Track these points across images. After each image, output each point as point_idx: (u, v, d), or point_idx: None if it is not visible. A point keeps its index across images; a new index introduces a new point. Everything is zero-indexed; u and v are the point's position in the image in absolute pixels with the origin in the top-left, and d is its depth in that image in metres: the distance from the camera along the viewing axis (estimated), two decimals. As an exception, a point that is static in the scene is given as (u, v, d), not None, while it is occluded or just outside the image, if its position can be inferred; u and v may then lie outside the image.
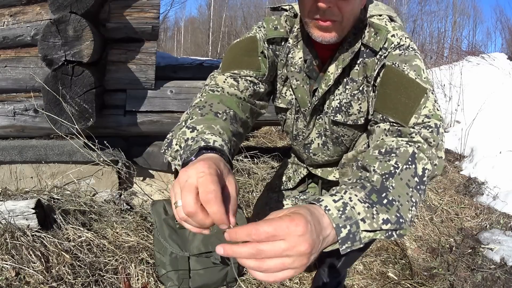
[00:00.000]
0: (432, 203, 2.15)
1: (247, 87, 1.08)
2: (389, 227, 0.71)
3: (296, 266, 0.58)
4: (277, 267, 0.57)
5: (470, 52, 6.10)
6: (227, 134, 0.85)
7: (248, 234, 0.56)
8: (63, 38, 1.64)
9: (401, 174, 0.78)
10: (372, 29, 1.03)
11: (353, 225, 0.68)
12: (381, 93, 0.95)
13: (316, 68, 1.16)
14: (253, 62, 1.11)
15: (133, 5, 1.83)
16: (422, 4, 14.50)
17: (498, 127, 3.07)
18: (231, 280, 1.40)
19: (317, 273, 1.39)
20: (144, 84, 1.92)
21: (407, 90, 0.90)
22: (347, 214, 0.68)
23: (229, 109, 0.97)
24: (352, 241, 0.68)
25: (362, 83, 1.09)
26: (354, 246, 0.69)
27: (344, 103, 1.14)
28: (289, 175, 1.69)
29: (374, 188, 0.74)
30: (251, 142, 3.15)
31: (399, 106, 0.90)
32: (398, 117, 0.90)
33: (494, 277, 1.60)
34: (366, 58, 1.06)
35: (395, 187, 0.76)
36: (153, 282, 1.37)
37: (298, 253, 0.58)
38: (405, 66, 0.93)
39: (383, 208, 0.72)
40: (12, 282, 1.29)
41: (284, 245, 0.57)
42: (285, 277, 0.58)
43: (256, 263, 0.57)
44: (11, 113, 1.94)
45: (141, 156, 1.98)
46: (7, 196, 1.85)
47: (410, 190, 0.77)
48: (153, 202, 1.46)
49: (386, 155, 0.82)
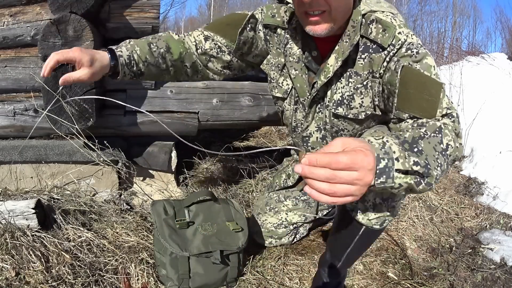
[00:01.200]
0: (432, 203, 2.15)
1: (211, 48, 1.27)
2: (418, 169, 0.78)
3: (357, 194, 0.68)
4: (344, 192, 0.66)
5: (470, 52, 6.10)
6: (138, 55, 1.15)
7: (328, 163, 0.64)
8: (63, 38, 1.64)
9: (429, 139, 0.85)
10: (380, 25, 1.05)
11: (390, 160, 0.75)
12: (403, 93, 0.99)
13: (314, 60, 1.19)
14: (231, 34, 1.25)
15: (133, 5, 1.83)
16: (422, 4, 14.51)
17: (498, 127, 3.07)
18: (231, 280, 1.40)
19: (317, 273, 1.39)
20: (144, 84, 1.92)
21: (428, 88, 0.96)
22: (386, 149, 0.76)
23: (165, 48, 1.21)
24: (387, 176, 0.75)
25: (367, 78, 1.11)
26: (387, 183, 0.75)
27: (346, 96, 1.15)
28: (288, 172, 1.70)
29: (406, 140, 0.83)
30: (251, 142, 3.15)
31: (423, 103, 0.96)
32: (424, 114, 0.96)
33: (494, 277, 1.60)
34: (373, 53, 1.08)
35: (423, 147, 0.83)
36: (153, 282, 1.37)
37: (364, 183, 0.68)
38: (417, 65, 0.99)
39: (414, 154, 0.80)
40: (12, 282, 1.29)
41: (356, 175, 0.66)
42: (347, 201, 0.68)
43: (327, 186, 0.65)
44: (11, 113, 1.94)
45: (141, 156, 1.99)
46: (7, 196, 1.84)
47: (436, 153, 0.84)
48: (153, 202, 1.46)
49: (417, 126, 0.91)
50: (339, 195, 0.66)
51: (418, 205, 2.07)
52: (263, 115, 2.10)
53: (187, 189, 2.05)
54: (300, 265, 1.57)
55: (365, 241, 1.23)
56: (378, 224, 1.12)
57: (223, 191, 2.03)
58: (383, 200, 1.08)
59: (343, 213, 1.19)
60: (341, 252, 1.26)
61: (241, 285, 1.42)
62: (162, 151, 1.98)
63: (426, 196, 2.19)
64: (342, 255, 1.26)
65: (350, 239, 1.20)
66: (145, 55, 1.16)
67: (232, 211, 1.49)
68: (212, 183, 2.09)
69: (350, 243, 1.20)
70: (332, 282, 1.33)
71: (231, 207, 1.51)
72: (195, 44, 1.28)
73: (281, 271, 1.52)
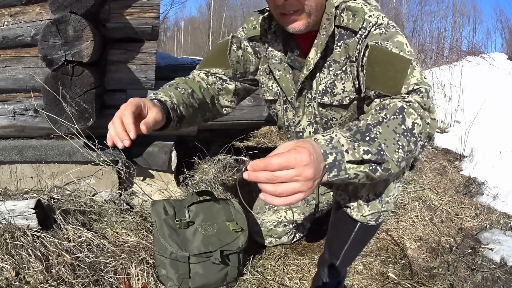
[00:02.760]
0: (432, 203, 2.15)
1: (215, 82, 1.30)
2: (369, 157, 0.80)
3: (304, 189, 0.72)
4: (289, 190, 0.71)
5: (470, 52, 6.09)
6: (176, 99, 1.11)
7: (265, 166, 0.71)
8: (63, 38, 1.64)
9: (388, 122, 0.86)
10: (350, 12, 1.10)
11: (338, 154, 0.78)
12: (369, 72, 1.01)
13: (298, 58, 1.24)
14: (223, 61, 1.29)
15: (133, 5, 1.83)
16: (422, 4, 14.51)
17: (498, 127, 3.07)
18: (231, 280, 1.40)
19: (317, 273, 1.39)
20: (144, 84, 1.92)
21: (393, 65, 0.97)
22: (333, 144, 0.79)
23: (189, 88, 1.20)
24: (338, 169, 0.78)
25: (345, 63, 1.14)
26: (340, 175, 0.79)
27: (329, 84, 1.19)
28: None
29: (359, 130, 0.84)
30: (251, 142, 3.15)
31: (388, 80, 0.97)
32: (389, 90, 0.96)
33: (494, 277, 1.60)
34: (347, 39, 1.12)
35: (381, 132, 0.84)
36: (153, 282, 1.37)
37: (305, 178, 0.71)
38: (387, 43, 0.99)
39: (365, 143, 0.81)
40: (12, 282, 1.29)
41: (294, 172, 0.70)
42: (297, 199, 0.73)
43: (272, 187, 0.71)
44: (11, 113, 1.94)
45: (141, 156, 1.99)
46: (7, 196, 1.84)
47: (396, 136, 0.85)
48: (153, 202, 1.46)
49: (378, 110, 0.90)
50: (287, 194, 0.71)
51: (418, 205, 2.07)
52: (263, 115, 2.10)
53: (187, 189, 2.05)
54: (300, 265, 1.57)
55: (362, 238, 1.24)
56: (373, 220, 1.13)
57: (223, 191, 2.03)
58: (376, 195, 1.10)
59: (338, 210, 1.20)
60: (338, 250, 1.27)
61: (241, 285, 1.42)
62: (162, 151, 1.98)
63: (426, 196, 2.19)
64: (340, 253, 1.27)
65: (346, 236, 1.21)
66: (181, 97, 1.15)
67: (232, 211, 1.49)
68: (212, 183, 2.09)
69: (347, 240, 1.22)
70: (332, 282, 1.33)
71: (231, 207, 1.51)
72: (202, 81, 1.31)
73: (281, 271, 1.52)
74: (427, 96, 0.93)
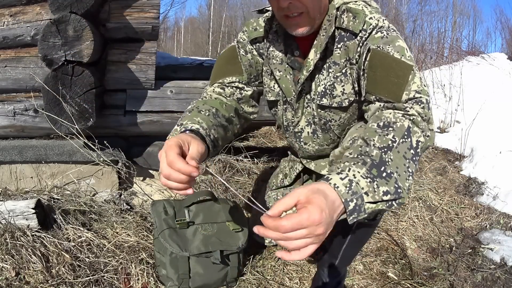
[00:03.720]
0: (432, 203, 2.15)
1: (233, 92, 1.26)
2: (389, 197, 0.80)
3: (316, 242, 0.73)
4: (301, 245, 0.72)
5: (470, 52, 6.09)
6: (205, 123, 1.05)
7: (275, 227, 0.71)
8: (63, 38, 1.64)
9: (398, 147, 0.86)
10: (350, 13, 1.09)
11: (359, 199, 0.78)
12: (371, 76, 1.01)
13: (298, 59, 1.23)
14: (235, 69, 1.27)
15: (133, 5, 1.83)
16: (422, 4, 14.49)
17: (498, 127, 3.07)
18: (231, 280, 1.40)
19: (317, 273, 1.39)
20: (144, 84, 1.92)
21: (394, 70, 0.97)
22: (353, 189, 0.78)
23: (212, 107, 1.14)
24: (358, 212, 0.79)
25: (345, 65, 1.15)
26: (359, 217, 0.79)
27: (328, 86, 1.19)
28: (285, 172, 1.70)
29: (374, 163, 0.83)
30: (251, 142, 3.15)
31: (389, 85, 0.97)
32: (390, 96, 0.97)
33: (494, 277, 1.60)
34: (347, 41, 1.12)
35: (393, 159, 0.84)
36: (153, 282, 1.37)
37: (317, 235, 0.71)
38: (389, 47, 1.00)
39: (383, 181, 0.81)
40: (12, 282, 1.29)
41: (305, 231, 0.70)
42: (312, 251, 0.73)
43: (286, 242, 0.72)
44: (11, 113, 1.94)
45: (141, 156, 1.99)
46: (7, 196, 1.84)
47: (407, 162, 0.86)
48: (153, 202, 1.46)
49: (384, 128, 0.90)
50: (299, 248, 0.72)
51: (418, 205, 2.07)
52: (263, 115, 2.10)
53: (187, 189, 2.05)
54: (300, 265, 1.57)
55: (360, 236, 1.24)
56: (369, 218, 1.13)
57: (223, 191, 2.03)
58: None
59: None
60: (337, 249, 1.27)
61: (241, 285, 1.42)
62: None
63: (426, 196, 2.19)
64: (339, 252, 1.27)
65: (344, 235, 1.21)
66: (208, 120, 1.08)
67: (232, 211, 1.49)
68: (212, 183, 2.09)
69: (345, 239, 1.22)
70: (332, 281, 1.33)
71: (231, 207, 1.51)
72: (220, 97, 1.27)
73: (281, 271, 1.52)
74: (427, 107, 0.95)
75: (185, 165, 0.83)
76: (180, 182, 0.84)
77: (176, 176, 0.83)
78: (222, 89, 1.26)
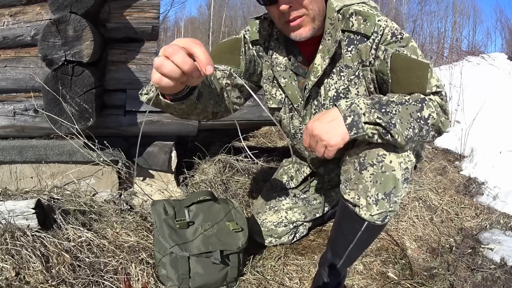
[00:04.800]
0: (432, 203, 2.15)
1: (223, 76, 1.22)
2: (381, 122, 0.97)
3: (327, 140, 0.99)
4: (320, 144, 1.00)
5: (470, 52, 6.09)
6: None
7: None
8: (63, 38, 1.64)
9: (408, 106, 1.00)
10: (360, 16, 1.11)
11: (355, 115, 0.97)
12: (394, 79, 1.07)
13: (301, 64, 1.24)
14: (233, 60, 1.25)
15: (133, 5, 1.83)
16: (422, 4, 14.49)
17: (498, 127, 3.07)
18: (231, 280, 1.40)
19: (317, 273, 1.39)
20: (144, 84, 1.92)
21: (414, 71, 1.04)
22: (352, 108, 0.98)
23: None
24: (357, 127, 0.98)
25: (358, 68, 1.16)
26: (359, 133, 0.98)
27: (341, 89, 1.20)
28: (291, 174, 1.70)
29: (380, 102, 1.00)
30: (251, 142, 3.15)
31: (413, 86, 1.05)
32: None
33: (494, 277, 1.60)
34: (359, 44, 1.13)
35: (400, 111, 0.99)
36: (153, 282, 1.37)
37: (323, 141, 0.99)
38: (405, 50, 1.06)
39: (380, 112, 0.98)
40: (12, 282, 1.29)
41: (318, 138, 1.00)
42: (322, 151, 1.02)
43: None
44: (11, 113, 1.94)
45: (141, 156, 1.98)
46: (7, 196, 1.84)
47: (411, 119, 1.00)
48: (153, 202, 1.46)
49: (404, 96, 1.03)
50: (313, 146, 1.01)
51: (418, 205, 2.07)
52: (263, 115, 2.10)
53: (187, 189, 2.05)
54: (300, 265, 1.57)
55: (367, 237, 1.23)
56: (379, 220, 1.12)
57: (223, 191, 2.03)
58: (385, 195, 1.09)
59: (345, 209, 1.19)
60: (343, 249, 1.26)
61: (241, 285, 1.42)
62: (162, 151, 1.98)
63: (426, 196, 2.19)
64: (344, 252, 1.26)
65: (352, 235, 1.20)
66: None
67: (232, 211, 1.49)
68: (212, 183, 2.09)
69: (352, 240, 1.20)
70: (332, 282, 1.33)
71: (231, 207, 1.51)
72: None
73: (281, 271, 1.52)
74: (445, 100, 1.06)
75: (207, 55, 0.72)
76: (190, 69, 0.71)
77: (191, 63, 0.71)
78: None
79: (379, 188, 1.09)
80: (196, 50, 0.71)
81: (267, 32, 1.26)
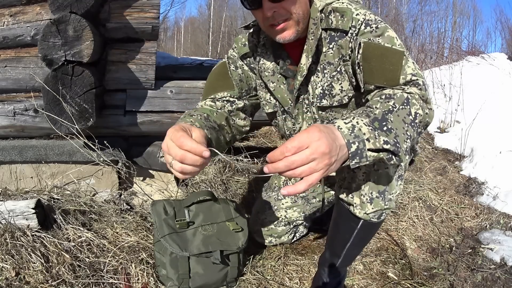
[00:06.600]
0: (432, 203, 2.15)
1: (224, 105, 1.29)
2: (388, 147, 0.86)
3: (321, 167, 0.78)
4: (306, 171, 0.77)
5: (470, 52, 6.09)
6: (198, 123, 1.08)
7: (281, 153, 0.77)
8: (63, 38, 1.64)
9: (397, 112, 0.92)
10: (337, 13, 1.12)
11: (361, 143, 0.84)
12: (366, 68, 1.05)
13: (290, 67, 1.25)
14: (227, 84, 1.30)
15: (133, 5, 1.83)
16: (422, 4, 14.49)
17: (498, 127, 3.07)
18: (231, 280, 1.40)
19: (317, 273, 1.39)
20: (144, 84, 1.92)
21: (388, 58, 1.01)
22: (355, 133, 0.84)
23: (203, 113, 1.18)
24: (360, 157, 0.84)
25: (339, 64, 1.17)
26: (361, 162, 0.85)
27: (326, 86, 1.20)
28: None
29: (376, 118, 0.89)
30: (251, 142, 3.15)
31: (386, 73, 1.01)
32: (388, 82, 1.01)
33: (494, 277, 1.60)
34: (339, 40, 1.14)
35: (393, 121, 0.89)
36: (153, 282, 1.37)
37: (321, 153, 0.76)
38: (379, 39, 1.04)
39: (383, 133, 0.87)
40: (12, 282, 1.29)
41: (308, 151, 0.76)
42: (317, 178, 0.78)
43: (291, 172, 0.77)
44: (11, 113, 1.94)
45: (141, 156, 1.99)
46: (7, 196, 1.85)
47: (405, 125, 0.91)
48: (153, 202, 1.46)
49: (385, 99, 0.96)
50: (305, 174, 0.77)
51: (418, 205, 2.07)
52: (263, 115, 2.09)
53: (187, 189, 2.05)
54: (300, 265, 1.57)
55: (364, 235, 1.24)
56: (375, 218, 1.13)
57: (223, 191, 2.03)
58: (379, 193, 1.10)
59: (341, 209, 1.20)
60: (340, 248, 1.27)
61: (241, 285, 1.42)
62: (162, 151, 1.98)
63: (426, 196, 2.19)
64: (342, 251, 1.27)
65: (348, 234, 1.21)
66: (201, 122, 1.10)
67: (232, 211, 1.49)
68: (212, 183, 2.09)
69: (349, 238, 1.21)
70: (332, 282, 1.33)
71: (231, 207, 1.51)
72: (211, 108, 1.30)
73: (281, 271, 1.52)
74: (424, 88, 1.00)
75: (197, 144, 0.84)
76: (194, 164, 0.85)
77: (191, 157, 0.84)
78: (213, 102, 1.29)
79: (372, 187, 1.09)
80: (187, 146, 0.84)
81: (252, 43, 1.29)
